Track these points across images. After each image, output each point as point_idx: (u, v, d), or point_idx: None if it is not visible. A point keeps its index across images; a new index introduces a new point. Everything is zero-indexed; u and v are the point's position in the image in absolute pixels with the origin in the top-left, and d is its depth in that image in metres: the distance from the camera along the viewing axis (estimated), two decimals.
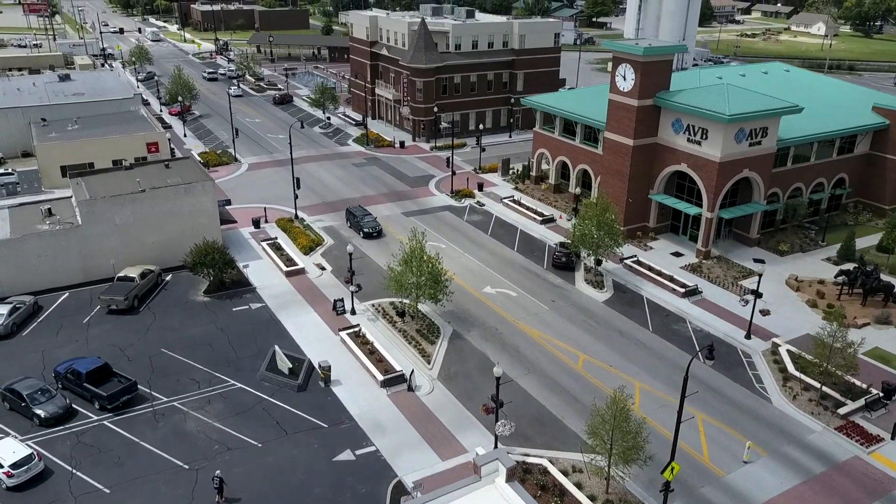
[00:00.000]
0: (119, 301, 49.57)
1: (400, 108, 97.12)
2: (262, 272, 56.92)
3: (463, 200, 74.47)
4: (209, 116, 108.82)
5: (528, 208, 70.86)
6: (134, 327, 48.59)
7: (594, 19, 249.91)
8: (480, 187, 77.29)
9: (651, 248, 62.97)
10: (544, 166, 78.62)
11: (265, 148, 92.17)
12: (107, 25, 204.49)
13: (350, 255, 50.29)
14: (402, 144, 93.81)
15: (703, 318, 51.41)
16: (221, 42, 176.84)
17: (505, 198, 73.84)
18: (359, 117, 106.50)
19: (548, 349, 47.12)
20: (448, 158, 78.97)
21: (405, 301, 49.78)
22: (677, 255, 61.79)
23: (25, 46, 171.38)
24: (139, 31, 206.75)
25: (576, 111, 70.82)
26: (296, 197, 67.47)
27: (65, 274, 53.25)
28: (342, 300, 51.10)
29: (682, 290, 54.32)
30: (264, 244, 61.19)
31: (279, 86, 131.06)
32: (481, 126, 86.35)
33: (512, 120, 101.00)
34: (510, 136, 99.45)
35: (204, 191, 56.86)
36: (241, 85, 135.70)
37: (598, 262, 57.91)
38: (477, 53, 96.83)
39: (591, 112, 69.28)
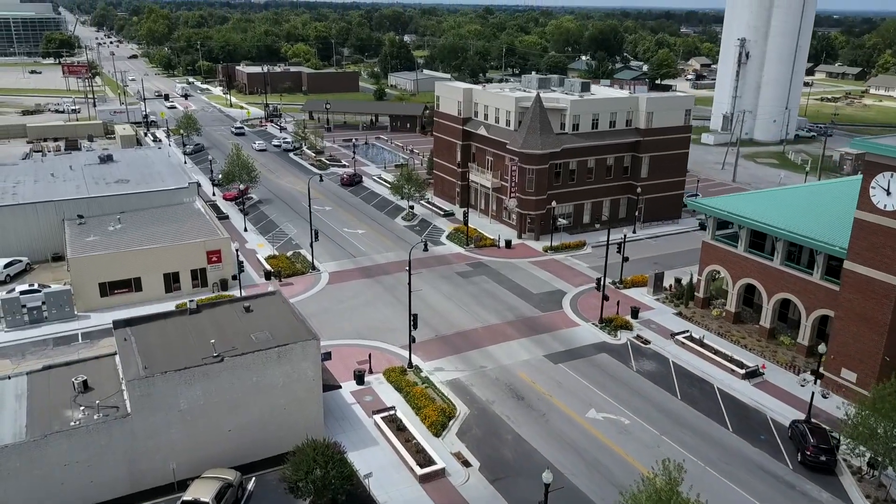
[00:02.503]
0: None
1: (507, 199, 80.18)
2: (385, 473, 39.08)
3: (618, 334, 56.53)
4: (270, 202, 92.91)
5: (717, 353, 52.63)
6: None
7: (658, 81, 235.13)
8: (635, 313, 59.45)
9: None
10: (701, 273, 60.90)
11: (345, 249, 75.48)
12: (160, 96, 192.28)
13: (547, 486, 32.13)
14: (508, 244, 76.73)
15: None
16: (271, 107, 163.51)
17: (677, 333, 55.74)
18: (447, 206, 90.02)
19: None
20: (599, 279, 61.11)
21: None
22: None
23: (63, 112, 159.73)
24: (185, 97, 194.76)
25: (774, 223, 53.32)
26: (412, 341, 50.08)
27: (103, 487, 35.87)
28: None
29: None
30: (378, 419, 43.43)
31: (343, 162, 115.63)
32: (607, 221, 69.34)
33: (637, 212, 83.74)
34: (634, 232, 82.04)
35: (304, 354, 39.50)
36: (274, 141, 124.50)
37: (873, 465, 39.35)
38: (597, 134, 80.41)
39: (799, 225, 51.84)
